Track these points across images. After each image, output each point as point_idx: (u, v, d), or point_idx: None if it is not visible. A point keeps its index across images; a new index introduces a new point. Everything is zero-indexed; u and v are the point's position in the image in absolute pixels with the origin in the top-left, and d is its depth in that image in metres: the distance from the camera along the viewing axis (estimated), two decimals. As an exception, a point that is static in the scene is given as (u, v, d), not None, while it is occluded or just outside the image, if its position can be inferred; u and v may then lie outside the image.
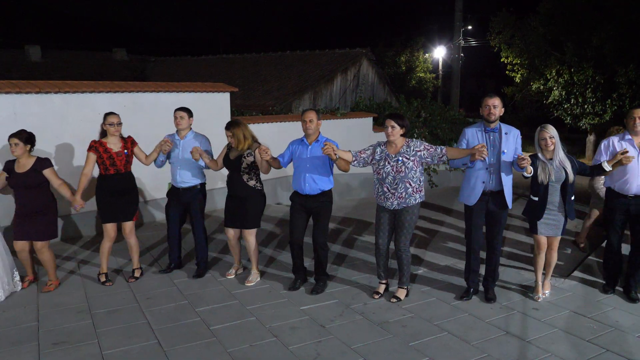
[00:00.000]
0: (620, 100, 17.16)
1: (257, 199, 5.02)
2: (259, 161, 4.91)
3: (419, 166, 4.56)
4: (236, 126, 4.89)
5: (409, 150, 4.53)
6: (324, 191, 4.86)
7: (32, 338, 3.97)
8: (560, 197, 4.62)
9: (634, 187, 4.77)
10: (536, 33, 18.65)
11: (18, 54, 20.74)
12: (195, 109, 7.64)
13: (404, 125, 4.52)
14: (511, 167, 4.58)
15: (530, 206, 4.79)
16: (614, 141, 4.91)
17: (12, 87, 5.97)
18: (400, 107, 11.94)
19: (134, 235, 5.23)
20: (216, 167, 5.17)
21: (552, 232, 4.75)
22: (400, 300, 4.80)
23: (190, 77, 18.35)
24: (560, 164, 4.54)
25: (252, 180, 4.97)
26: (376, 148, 4.68)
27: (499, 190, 4.60)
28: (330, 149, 4.38)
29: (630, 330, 4.30)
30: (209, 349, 3.87)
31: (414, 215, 4.62)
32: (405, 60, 26.84)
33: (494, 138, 4.59)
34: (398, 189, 4.52)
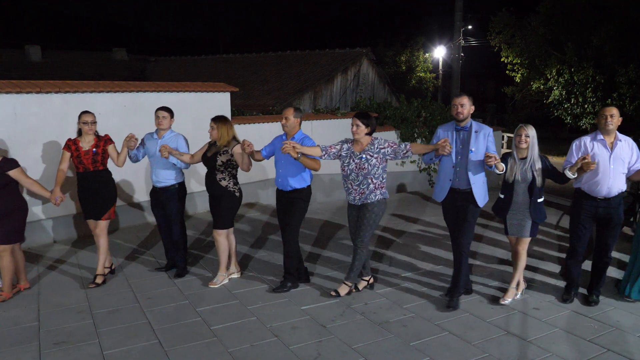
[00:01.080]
0: (621, 100, 17.14)
1: (228, 199, 4.96)
2: (239, 158, 4.85)
3: (382, 163, 4.65)
4: (222, 121, 4.91)
5: (373, 148, 4.63)
6: (296, 189, 4.88)
7: (32, 338, 3.96)
8: (528, 198, 4.56)
9: (604, 190, 4.56)
10: (536, 33, 18.65)
11: (18, 54, 20.73)
12: (196, 108, 7.70)
13: (369, 124, 4.62)
14: (483, 166, 4.54)
15: (497, 204, 4.78)
16: (585, 141, 4.69)
17: (12, 87, 5.97)
18: (400, 106, 11.92)
19: (103, 236, 5.08)
20: (191, 161, 5.10)
21: (516, 233, 4.70)
22: (340, 296, 4.81)
23: (191, 77, 18.33)
24: (532, 164, 4.49)
25: (224, 180, 4.92)
26: (343, 144, 4.77)
27: (467, 189, 4.58)
28: (289, 147, 4.40)
29: (631, 330, 4.29)
30: (209, 348, 3.86)
31: (373, 212, 4.67)
32: (406, 60, 26.84)
33: (464, 136, 4.59)
34: (361, 185, 4.64)
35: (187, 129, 7.19)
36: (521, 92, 21.63)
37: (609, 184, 4.54)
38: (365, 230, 4.70)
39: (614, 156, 4.54)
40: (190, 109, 7.62)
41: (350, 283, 4.90)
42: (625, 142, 4.60)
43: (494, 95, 36.56)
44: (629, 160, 4.56)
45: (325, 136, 8.31)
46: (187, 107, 7.59)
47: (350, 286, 4.90)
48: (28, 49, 20.87)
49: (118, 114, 6.81)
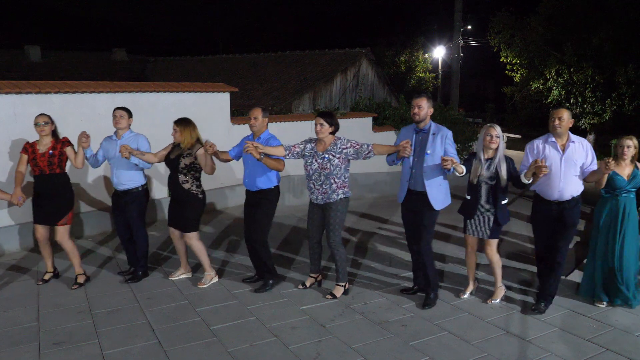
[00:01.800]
0: (620, 99, 17.17)
1: (191, 202, 4.89)
2: (202, 161, 4.81)
3: (344, 163, 4.66)
4: (186, 123, 4.85)
5: (336, 148, 4.63)
6: (262, 189, 4.88)
7: (32, 338, 3.97)
8: (491, 199, 4.50)
9: (555, 192, 4.48)
10: (536, 33, 18.67)
11: (18, 54, 20.72)
12: (195, 109, 7.70)
13: (332, 123, 4.63)
14: (440, 169, 4.45)
15: (463, 205, 4.72)
16: (538, 144, 4.60)
17: (11, 87, 5.97)
18: (400, 107, 11.94)
19: (66, 240, 4.93)
20: (154, 160, 4.98)
21: (477, 233, 4.64)
22: (336, 297, 4.83)
23: (190, 77, 18.35)
24: (498, 165, 4.42)
25: (187, 183, 4.85)
26: (307, 144, 4.77)
27: (423, 191, 4.55)
28: (252, 148, 4.39)
29: (630, 329, 4.30)
30: (209, 348, 3.87)
31: (338, 211, 4.69)
32: (405, 60, 26.86)
33: (422, 138, 4.56)
34: (323, 184, 4.66)
35: (186, 129, 7.22)
36: (520, 92, 21.66)
37: (560, 187, 4.45)
38: (334, 230, 4.71)
39: (565, 158, 4.44)
40: (190, 109, 7.61)
41: (343, 283, 4.92)
42: (579, 143, 4.49)
43: (493, 95, 36.63)
44: (582, 162, 4.46)
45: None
46: (186, 107, 7.60)
47: (344, 285, 4.92)
48: (27, 49, 20.87)
49: (118, 114, 6.80)
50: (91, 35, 39.95)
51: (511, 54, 20.00)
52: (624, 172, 4.59)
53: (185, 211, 4.91)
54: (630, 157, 4.59)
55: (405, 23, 34.46)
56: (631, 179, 4.60)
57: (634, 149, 4.58)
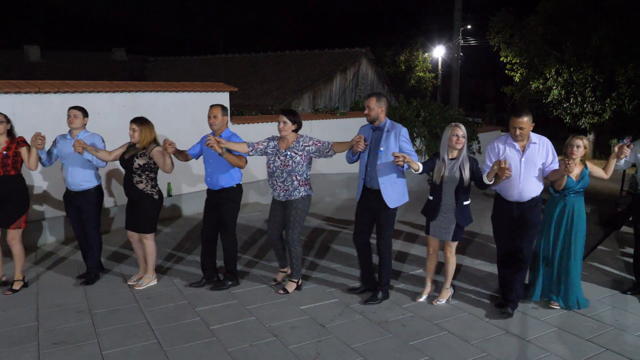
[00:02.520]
0: (620, 99, 17.17)
1: (146, 203, 4.83)
2: (159, 160, 4.75)
3: (306, 161, 4.71)
4: (145, 123, 4.78)
5: (298, 145, 4.68)
6: (225, 188, 4.88)
7: (31, 338, 3.96)
8: (454, 200, 4.43)
9: (515, 193, 4.41)
10: (535, 32, 18.68)
11: (17, 54, 20.73)
12: (195, 108, 7.69)
13: (295, 121, 4.68)
14: (395, 166, 4.45)
15: (426, 206, 4.65)
16: (498, 144, 4.53)
17: (11, 87, 5.97)
18: (399, 106, 11.93)
19: (16, 244, 4.81)
20: (108, 158, 4.87)
21: (440, 235, 4.57)
22: (288, 293, 4.88)
23: (190, 76, 18.34)
24: (461, 165, 4.36)
25: (141, 184, 4.79)
26: (270, 142, 4.83)
27: (377, 189, 4.55)
28: (213, 141, 4.42)
29: (630, 329, 4.30)
30: (208, 348, 3.86)
31: (299, 209, 4.74)
32: (405, 59, 26.86)
33: (377, 136, 4.57)
34: (285, 182, 4.71)
35: (185, 129, 7.23)
36: (520, 92, 21.65)
37: (519, 188, 4.39)
38: (294, 227, 4.76)
39: (525, 159, 4.38)
40: (189, 109, 7.63)
41: (296, 279, 4.97)
42: (540, 144, 4.42)
43: (493, 95, 36.59)
44: (543, 162, 4.40)
45: (324, 136, 8.30)
46: (185, 107, 7.60)
47: (297, 281, 4.98)
48: (27, 49, 20.88)
49: (117, 114, 6.80)
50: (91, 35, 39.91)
51: (511, 53, 20.01)
52: (573, 172, 4.43)
53: (140, 212, 4.84)
54: (579, 157, 4.49)
55: (405, 23, 34.47)
56: (580, 179, 4.51)
57: (583, 149, 4.47)
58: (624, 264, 5.98)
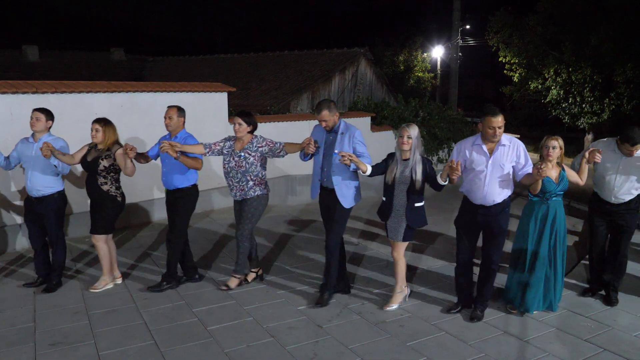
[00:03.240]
0: (618, 99, 17.18)
1: (109, 204, 4.79)
2: (121, 162, 4.72)
3: (260, 161, 4.83)
4: (108, 123, 4.76)
5: (252, 146, 4.81)
6: (179, 188, 4.92)
7: (28, 339, 3.95)
8: (405, 201, 4.37)
9: (479, 197, 4.30)
10: (534, 32, 18.68)
11: (16, 54, 20.68)
12: (193, 108, 7.66)
13: (250, 122, 4.81)
14: (349, 168, 4.46)
15: (380, 207, 4.62)
16: (466, 145, 4.42)
17: (8, 87, 5.95)
18: (398, 106, 11.93)
19: None
20: (72, 161, 4.78)
21: (391, 236, 4.53)
22: (231, 289, 4.92)
23: (189, 76, 18.32)
24: (414, 166, 4.30)
25: (106, 185, 4.76)
26: (226, 142, 4.93)
27: (333, 189, 4.62)
28: (167, 146, 4.50)
29: (628, 329, 4.30)
30: (206, 349, 3.86)
31: (252, 207, 4.85)
32: (404, 59, 26.84)
33: (332, 138, 4.64)
34: (240, 182, 4.82)
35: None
36: (519, 92, 21.66)
37: (484, 191, 4.26)
38: (245, 223, 4.85)
39: (492, 162, 4.24)
40: (188, 109, 7.49)
41: (239, 275, 5.00)
42: (510, 146, 4.27)
43: (492, 95, 36.59)
44: (512, 165, 4.26)
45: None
46: (184, 107, 7.52)
47: (240, 278, 5.01)
48: (25, 49, 20.83)
49: (115, 114, 6.72)
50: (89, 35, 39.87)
51: (510, 53, 20.01)
52: (551, 174, 4.37)
53: (101, 212, 4.79)
54: (555, 158, 4.38)
55: (404, 23, 34.48)
56: (560, 181, 4.40)
57: (559, 150, 4.36)
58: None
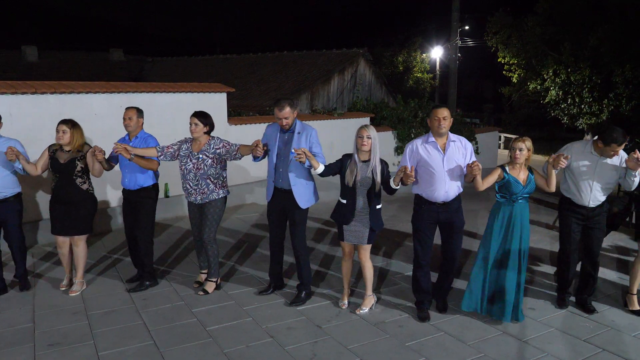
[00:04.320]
0: (617, 100, 17.20)
1: (89, 203, 4.82)
2: (90, 164, 4.74)
3: (218, 163, 4.74)
4: (75, 125, 4.72)
5: (209, 148, 4.71)
6: (144, 187, 4.94)
7: (27, 339, 3.95)
8: (367, 203, 4.34)
9: (441, 194, 4.28)
10: (533, 33, 18.70)
11: (15, 55, 20.68)
12: (192, 109, 7.59)
13: (207, 123, 4.70)
14: (306, 167, 4.45)
15: (337, 209, 4.50)
16: (417, 144, 4.39)
17: (7, 87, 5.95)
18: (397, 107, 11.94)
19: None
20: (35, 171, 4.71)
21: (355, 240, 4.44)
22: (208, 293, 4.88)
23: (188, 77, 18.31)
24: (374, 168, 4.27)
25: (85, 184, 4.76)
26: (182, 144, 4.83)
27: (289, 189, 4.58)
28: (121, 148, 4.51)
29: (626, 329, 4.30)
30: (205, 349, 3.86)
31: (217, 208, 4.79)
32: (403, 60, 26.86)
33: (288, 137, 4.61)
34: (200, 185, 4.73)
35: (182, 130, 7.18)
36: (518, 93, 21.69)
37: (445, 188, 4.28)
38: (211, 226, 4.80)
39: (446, 158, 4.28)
40: (187, 110, 7.52)
41: (214, 278, 4.97)
42: (458, 142, 4.36)
43: (491, 95, 36.64)
44: (463, 160, 4.30)
45: (321, 136, 8.28)
46: (183, 107, 7.58)
47: (215, 280, 4.97)
48: (25, 50, 20.84)
49: (114, 115, 6.78)
50: (88, 36, 39.88)
51: (509, 54, 20.04)
52: (519, 176, 4.29)
53: (82, 212, 4.77)
54: (523, 160, 4.28)
55: (403, 23, 34.49)
56: (527, 184, 4.30)
57: (526, 152, 4.26)
58: (617, 265, 5.99)
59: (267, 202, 4.81)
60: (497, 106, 30.86)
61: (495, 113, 31.08)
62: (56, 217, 4.76)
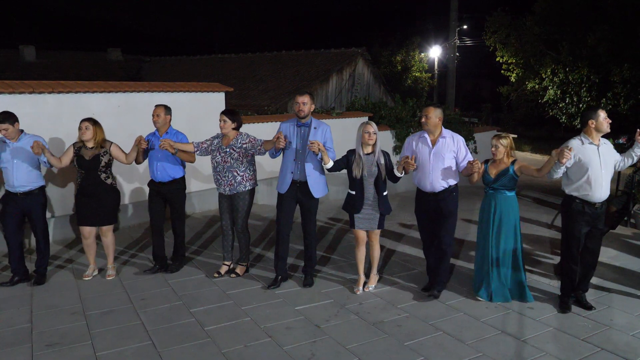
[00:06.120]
0: (615, 99, 17.21)
1: (113, 195, 5.16)
2: (119, 155, 5.10)
3: (246, 157, 5.11)
4: (96, 122, 5.05)
5: (237, 143, 5.07)
6: (175, 179, 5.31)
7: (25, 340, 3.94)
8: (375, 192, 4.74)
9: (427, 184, 4.75)
10: (531, 32, 18.70)
11: (13, 54, 20.66)
12: (190, 109, 7.68)
13: (235, 120, 5.07)
14: (319, 161, 4.80)
15: (347, 200, 4.87)
16: (412, 139, 4.91)
17: (5, 87, 5.94)
18: (395, 106, 11.93)
19: None
20: (59, 164, 5.03)
21: (367, 226, 4.84)
22: (240, 275, 5.30)
23: (186, 77, 18.31)
24: (377, 159, 4.69)
25: (109, 179, 5.09)
26: (214, 140, 5.20)
27: (305, 181, 4.89)
28: (167, 144, 4.91)
29: (625, 328, 4.31)
30: (203, 349, 3.85)
31: (245, 200, 5.15)
32: (401, 59, 26.86)
33: (304, 132, 4.91)
34: (227, 177, 5.09)
35: (181, 129, 7.18)
36: (516, 92, 21.69)
37: (430, 179, 4.73)
38: (242, 217, 5.17)
39: (434, 152, 4.71)
40: (185, 109, 7.60)
41: (245, 263, 5.40)
42: (450, 138, 4.75)
43: (489, 94, 36.65)
44: (454, 156, 4.71)
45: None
46: (181, 107, 7.57)
47: (246, 265, 5.40)
48: (22, 49, 20.81)
49: (112, 114, 6.79)
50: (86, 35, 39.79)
51: (507, 53, 20.03)
52: (492, 170, 4.72)
53: (105, 204, 5.08)
54: (499, 155, 4.68)
55: (402, 22, 34.49)
56: (498, 176, 4.68)
57: (503, 149, 4.65)
58: (612, 268, 6.00)
59: (281, 193, 5.03)
60: (495, 105, 30.83)
61: (493, 112, 31.06)
62: (83, 209, 5.07)
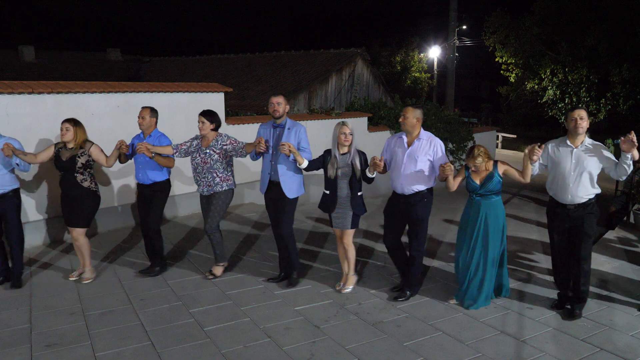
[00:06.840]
0: (614, 99, 17.23)
1: (91, 199, 5.03)
2: (100, 158, 5.00)
3: (225, 158, 5.11)
4: (78, 123, 4.96)
5: (217, 144, 5.06)
6: (156, 182, 5.24)
7: (24, 340, 3.93)
8: (349, 192, 4.72)
9: (398, 186, 4.70)
10: (530, 33, 18.72)
11: (12, 55, 20.64)
12: (189, 109, 7.66)
13: (213, 121, 5.06)
14: (293, 160, 4.77)
15: (322, 200, 4.89)
16: (392, 139, 4.87)
17: (4, 87, 5.93)
18: (395, 106, 11.93)
19: None
20: (34, 160, 4.95)
21: (340, 225, 4.84)
22: (216, 276, 5.26)
23: (185, 77, 18.30)
24: (352, 159, 4.66)
25: (86, 182, 4.96)
26: (194, 141, 5.20)
27: (278, 181, 4.91)
28: (144, 148, 4.85)
29: (624, 329, 4.31)
30: (202, 350, 3.85)
31: (220, 200, 5.12)
32: (400, 60, 26.86)
33: (279, 133, 4.93)
34: (206, 177, 5.09)
35: (180, 130, 7.19)
36: (516, 92, 21.72)
37: (401, 181, 4.66)
38: (213, 217, 5.11)
39: (408, 153, 4.64)
40: (184, 110, 7.60)
41: (222, 263, 5.34)
42: (426, 140, 4.64)
43: (488, 95, 36.69)
44: (429, 159, 4.61)
45: (319, 136, 8.30)
46: (180, 107, 7.58)
47: (223, 265, 5.35)
48: (21, 50, 20.78)
49: (111, 115, 6.78)
50: (85, 36, 39.80)
51: (506, 53, 20.05)
52: (476, 177, 4.58)
53: (82, 207, 4.98)
54: (482, 169, 4.53)
55: (401, 23, 34.46)
56: (485, 182, 4.52)
57: (482, 164, 4.50)
58: (611, 266, 6.00)
59: (263, 194, 5.12)
60: (494, 106, 30.86)
61: (492, 113, 31.09)
62: (63, 210, 5.06)
